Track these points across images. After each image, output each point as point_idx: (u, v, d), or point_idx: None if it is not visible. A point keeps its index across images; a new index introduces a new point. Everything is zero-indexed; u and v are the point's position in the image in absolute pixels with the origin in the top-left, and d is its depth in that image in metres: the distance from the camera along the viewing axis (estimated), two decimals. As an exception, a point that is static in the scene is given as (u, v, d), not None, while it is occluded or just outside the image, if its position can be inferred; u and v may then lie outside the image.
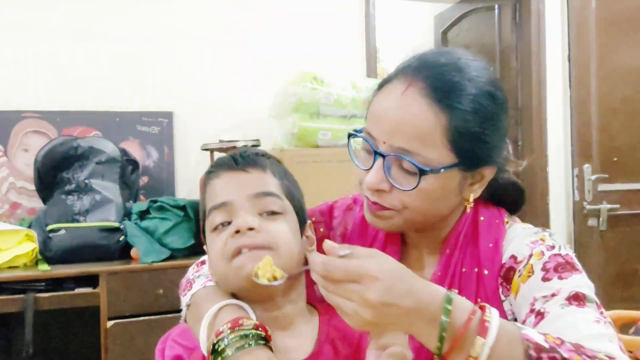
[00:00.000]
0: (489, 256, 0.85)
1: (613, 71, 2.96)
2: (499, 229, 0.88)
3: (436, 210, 0.85)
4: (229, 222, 0.83)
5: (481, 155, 0.83)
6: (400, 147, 0.79)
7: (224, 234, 0.83)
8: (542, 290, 0.77)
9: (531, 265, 0.81)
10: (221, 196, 0.85)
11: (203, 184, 0.91)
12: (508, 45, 3.11)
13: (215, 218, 0.84)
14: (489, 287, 0.84)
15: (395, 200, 0.81)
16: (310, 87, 2.32)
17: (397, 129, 0.79)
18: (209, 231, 0.85)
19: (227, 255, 0.82)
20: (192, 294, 0.89)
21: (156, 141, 2.57)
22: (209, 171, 0.90)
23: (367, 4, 2.86)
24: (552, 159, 2.99)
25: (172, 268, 2.00)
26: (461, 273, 0.86)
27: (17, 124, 2.39)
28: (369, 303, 0.63)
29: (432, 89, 0.79)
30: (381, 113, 0.81)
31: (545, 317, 0.74)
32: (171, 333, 0.90)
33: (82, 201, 2.15)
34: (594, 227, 2.92)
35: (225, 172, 0.87)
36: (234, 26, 2.69)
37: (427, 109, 0.78)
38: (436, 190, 0.81)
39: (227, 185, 0.86)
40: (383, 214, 0.83)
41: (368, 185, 0.82)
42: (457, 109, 0.79)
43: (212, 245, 0.84)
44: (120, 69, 2.53)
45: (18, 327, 1.92)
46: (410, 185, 0.79)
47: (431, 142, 0.79)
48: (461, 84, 0.80)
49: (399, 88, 0.81)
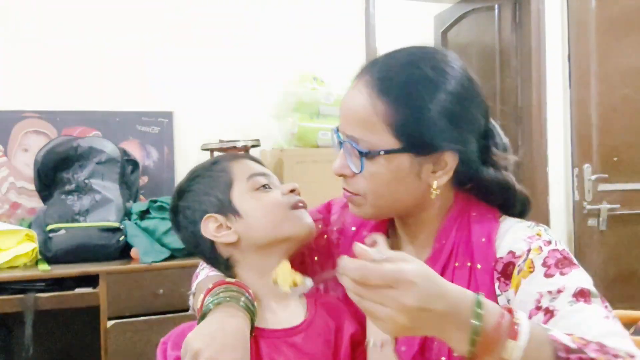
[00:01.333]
0: (482, 251, 0.86)
1: (613, 71, 2.95)
2: (492, 224, 0.89)
3: (396, 194, 0.86)
4: (268, 186, 0.96)
5: (428, 140, 0.83)
6: (349, 134, 0.86)
7: (275, 190, 0.96)
8: (545, 287, 0.78)
9: (531, 260, 0.81)
10: (258, 168, 0.98)
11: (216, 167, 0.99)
12: (508, 45, 3.11)
13: (260, 179, 0.96)
14: (482, 281, 0.84)
15: (358, 185, 0.87)
16: (310, 87, 2.33)
17: (346, 118, 0.87)
18: (251, 190, 0.94)
19: (287, 205, 0.94)
20: (197, 282, 1.00)
21: (156, 141, 2.57)
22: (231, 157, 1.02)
23: (367, 4, 2.86)
24: (552, 159, 2.99)
25: (172, 268, 1.99)
26: (454, 267, 0.87)
27: (17, 124, 2.39)
28: (405, 308, 0.62)
29: (374, 80, 0.85)
30: (341, 107, 0.89)
31: (555, 315, 0.74)
32: (173, 333, 0.90)
33: (82, 201, 2.15)
34: (594, 227, 2.92)
35: (250, 160, 1.01)
36: (234, 26, 2.69)
37: (367, 98, 0.84)
38: (385, 174, 0.84)
39: (259, 165, 1.00)
40: (354, 200, 0.89)
41: (333, 170, 0.89)
42: (395, 96, 0.83)
43: (264, 197, 0.94)
44: (120, 69, 2.53)
45: (18, 327, 1.92)
46: (357, 169, 0.85)
47: (372, 128, 0.84)
48: (399, 74, 0.85)
49: (353, 83, 0.89)
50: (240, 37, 2.69)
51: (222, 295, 0.85)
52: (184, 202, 0.97)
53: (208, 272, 1.01)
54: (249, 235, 0.93)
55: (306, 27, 2.78)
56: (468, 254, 0.87)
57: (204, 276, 1.00)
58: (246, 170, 0.97)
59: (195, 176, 0.98)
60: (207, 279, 0.99)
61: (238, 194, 0.94)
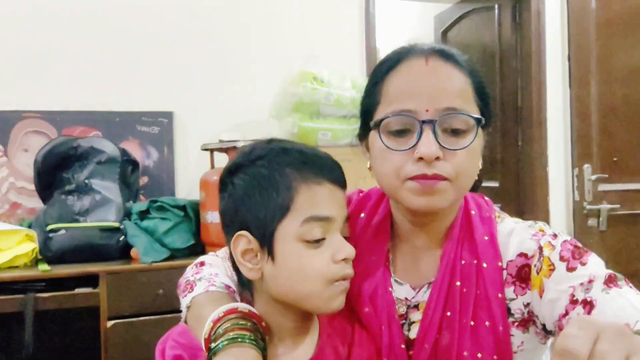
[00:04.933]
0: (487, 249, 0.86)
1: (613, 71, 2.95)
2: (491, 222, 0.89)
3: (474, 175, 0.86)
4: (323, 239, 0.79)
5: (489, 114, 0.86)
6: (448, 107, 0.79)
7: (326, 252, 0.79)
8: (574, 280, 0.77)
9: (547, 257, 0.81)
10: (323, 209, 0.79)
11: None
12: (508, 45, 3.11)
13: (315, 231, 0.78)
14: (488, 279, 0.84)
15: (449, 168, 0.80)
16: (310, 87, 2.32)
17: (439, 92, 0.80)
18: (300, 238, 0.78)
19: (330, 280, 0.79)
20: (193, 296, 0.88)
21: (156, 141, 2.57)
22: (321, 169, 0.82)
23: (367, 4, 2.86)
24: (552, 159, 2.99)
25: (172, 268, 1.99)
26: (461, 265, 0.86)
27: (17, 124, 2.39)
28: None
29: (446, 57, 0.83)
30: (412, 86, 0.81)
31: (596, 306, 0.73)
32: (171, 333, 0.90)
33: (82, 201, 2.15)
34: (594, 227, 2.92)
35: (329, 184, 0.81)
36: (234, 26, 2.69)
37: (454, 70, 0.82)
38: (478, 149, 0.84)
39: (332, 199, 0.81)
40: (440, 187, 0.80)
41: (427, 155, 0.78)
42: (471, 69, 0.84)
43: (309, 257, 0.78)
44: (121, 69, 2.53)
45: (18, 327, 1.92)
46: (464, 144, 0.80)
47: (468, 99, 0.82)
48: (461, 54, 0.86)
49: (417, 63, 0.83)
50: (240, 37, 2.69)
51: (232, 335, 0.75)
52: (237, 183, 0.81)
53: (207, 285, 0.89)
54: (271, 285, 0.81)
55: (306, 27, 2.78)
56: (473, 252, 0.87)
57: (202, 290, 0.88)
58: (310, 203, 0.78)
59: (261, 164, 0.81)
60: (206, 296, 0.87)
61: (285, 232, 0.78)
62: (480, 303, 0.84)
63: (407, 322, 0.89)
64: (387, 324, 0.88)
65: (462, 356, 0.82)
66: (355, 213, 0.98)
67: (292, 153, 0.81)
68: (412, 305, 0.90)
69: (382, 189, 0.89)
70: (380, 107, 0.84)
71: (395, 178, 0.82)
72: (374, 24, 2.88)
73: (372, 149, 0.87)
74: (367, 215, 0.97)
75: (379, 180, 0.87)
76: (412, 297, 0.90)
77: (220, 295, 0.87)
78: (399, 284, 0.92)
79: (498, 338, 0.83)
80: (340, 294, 0.80)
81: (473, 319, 0.84)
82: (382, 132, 0.82)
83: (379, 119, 0.83)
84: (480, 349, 0.83)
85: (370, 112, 0.86)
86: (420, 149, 0.78)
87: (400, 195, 0.83)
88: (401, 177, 0.81)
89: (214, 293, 0.87)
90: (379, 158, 0.84)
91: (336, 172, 0.83)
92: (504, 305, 0.84)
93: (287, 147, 0.83)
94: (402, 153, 0.81)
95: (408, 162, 0.80)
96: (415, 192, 0.81)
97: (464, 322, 0.84)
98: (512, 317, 0.84)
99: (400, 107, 0.81)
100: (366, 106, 0.88)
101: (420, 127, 0.79)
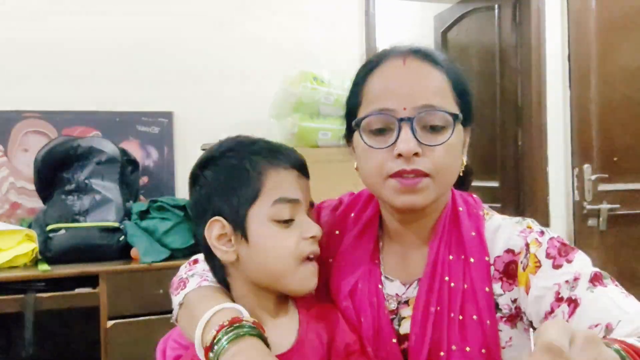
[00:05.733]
0: (474, 244, 0.87)
1: (613, 71, 2.95)
2: (478, 219, 0.90)
3: (455, 172, 0.87)
4: (292, 220, 0.85)
5: (469, 112, 0.87)
6: (425, 105, 0.81)
7: (295, 231, 0.85)
8: (560, 277, 0.78)
9: (534, 254, 0.82)
10: (290, 190, 0.85)
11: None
12: (508, 45, 3.11)
13: (284, 211, 0.84)
14: (476, 274, 0.85)
15: (428, 163, 0.81)
16: (310, 87, 2.32)
17: (417, 90, 0.82)
18: (271, 219, 0.83)
19: (299, 257, 0.84)
20: (186, 293, 0.89)
21: (156, 141, 2.57)
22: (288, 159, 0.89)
23: (367, 4, 2.86)
24: (552, 159, 2.99)
25: (172, 268, 1.97)
26: (449, 261, 0.87)
27: (17, 124, 2.39)
28: None
29: (424, 56, 0.85)
30: (390, 86, 0.84)
31: (581, 304, 0.75)
32: (172, 333, 0.90)
33: (82, 201, 2.15)
34: (594, 227, 2.92)
35: (295, 170, 0.88)
36: (234, 26, 2.69)
37: (432, 69, 0.84)
38: (457, 145, 0.85)
39: (297, 184, 0.87)
40: (421, 184, 0.82)
41: (406, 151, 0.80)
42: (449, 68, 0.86)
43: (279, 236, 0.84)
44: (120, 69, 2.53)
45: (18, 327, 1.92)
46: (442, 140, 0.82)
47: (446, 96, 0.84)
48: (439, 53, 0.88)
49: (395, 64, 0.85)
50: (240, 37, 2.69)
51: (232, 335, 0.76)
52: (208, 174, 0.88)
53: (199, 280, 0.90)
54: (247, 266, 0.85)
55: (306, 27, 2.78)
56: (461, 247, 0.88)
57: (194, 285, 0.89)
58: (279, 187, 0.84)
59: (231, 155, 0.88)
60: (199, 293, 0.88)
61: (257, 214, 0.83)
62: (468, 297, 0.85)
63: (398, 317, 0.90)
64: (371, 318, 0.89)
65: (450, 350, 0.83)
66: (347, 213, 1.00)
67: (260, 143, 0.90)
68: (403, 301, 0.91)
69: (368, 188, 0.92)
70: (362, 108, 0.87)
71: (377, 176, 0.84)
72: (374, 24, 2.88)
73: (357, 149, 0.89)
74: (356, 214, 0.99)
75: (364, 179, 0.89)
76: (402, 293, 0.91)
77: (213, 290, 0.87)
78: (389, 280, 0.93)
79: (485, 332, 0.84)
80: (311, 275, 0.86)
81: (461, 313, 0.85)
82: (364, 131, 0.85)
83: (359, 118, 0.85)
84: (468, 342, 0.84)
85: (353, 113, 0.88)
86: (399, 146, 0.80)
87: (383, 194, 0.85)
88: (383, 175, 0.83)
89: (207, 288, 0.88)
90: (362, 157, 0.87)
91: (301, 162, 0.89)
92: (491, 300, 0.85)
93: (254, 139, 0.91)
94: (383, 151, 0.83)
95: (389, 160, 0.82)
96: (397, 191, 0.83)
97: (452, 316, 0.85)
98: (500, 312, 0.85)
99: (379, 106, 0.83)
100: (349, 107, 0.90)
101: (399, 124, 0.81)
